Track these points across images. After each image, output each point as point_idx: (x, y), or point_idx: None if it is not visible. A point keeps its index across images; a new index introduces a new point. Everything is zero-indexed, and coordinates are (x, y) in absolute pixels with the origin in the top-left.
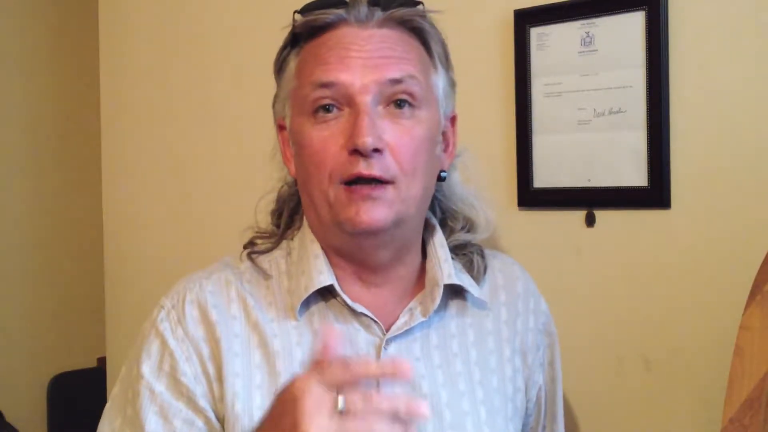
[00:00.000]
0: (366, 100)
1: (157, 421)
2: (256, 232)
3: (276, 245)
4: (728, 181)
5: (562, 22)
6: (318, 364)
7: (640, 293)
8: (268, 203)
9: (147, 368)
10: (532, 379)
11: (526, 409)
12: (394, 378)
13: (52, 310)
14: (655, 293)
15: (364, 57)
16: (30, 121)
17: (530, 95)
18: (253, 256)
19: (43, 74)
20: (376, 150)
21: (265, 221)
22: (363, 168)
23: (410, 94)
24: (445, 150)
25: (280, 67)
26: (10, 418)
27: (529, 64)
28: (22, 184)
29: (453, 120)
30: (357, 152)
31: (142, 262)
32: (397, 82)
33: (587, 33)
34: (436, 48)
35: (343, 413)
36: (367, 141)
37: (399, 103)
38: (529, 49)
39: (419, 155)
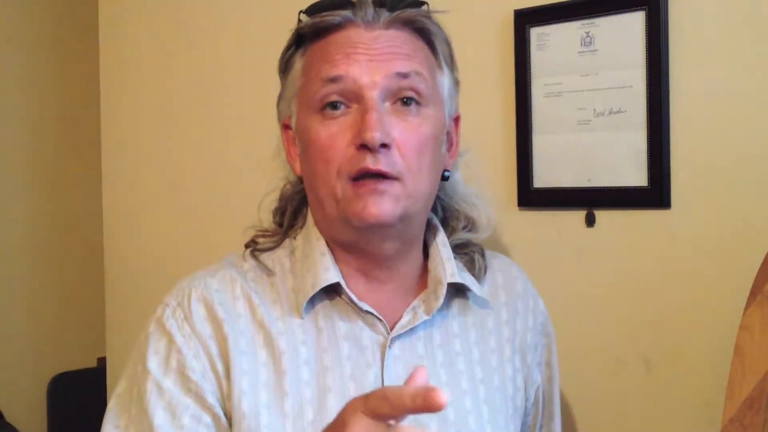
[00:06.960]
0: (373, 95)
1: (166, 417)
2: (259, 231)
3: (279, 243)
4: (728, 181)
5: (562, 22)
6: (371, 395)
7: (640, 293)
8: (272, 202)
9: (154, 364)
10: (530, 378)
11: (525, 408)
12: (429, 411)
13: (52, 310)
14: (655, 293)
15: (371, 54)
16: (30, 122)
17: (530, 95)
18: (256, 254)
19: (43, 75)
20: (384, 145)
21: (268, 220)
22: (370, 163)
23: (416, 91)
24: (448, 150)
25: (285, 66)
26: (10, 418)
27: (529, 64)
28: (22, 184)
29: (456, 120)
30: (364, 147)
31: (142, 262)
32: (403, 76)
33: (587, 33)
34: (441, 48)
35: None
36: (376, 136)
37: (406, 101)
38: (529, 49)
39: (425, 152)
